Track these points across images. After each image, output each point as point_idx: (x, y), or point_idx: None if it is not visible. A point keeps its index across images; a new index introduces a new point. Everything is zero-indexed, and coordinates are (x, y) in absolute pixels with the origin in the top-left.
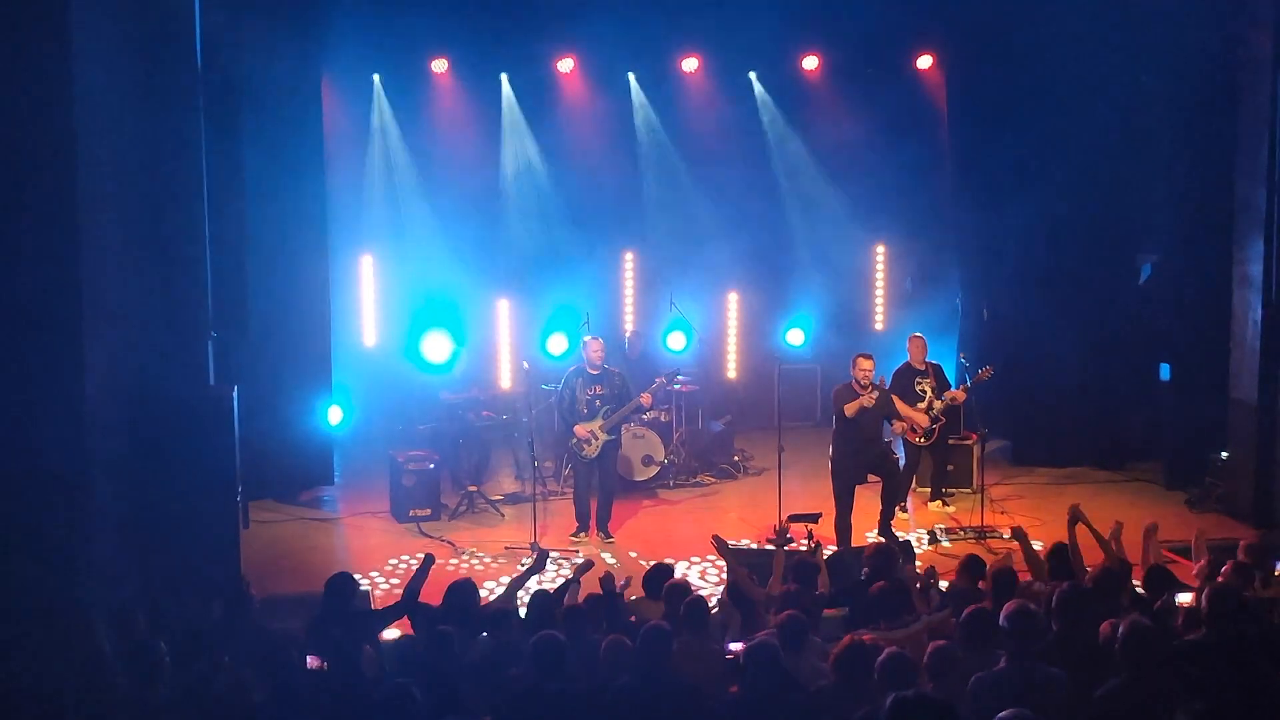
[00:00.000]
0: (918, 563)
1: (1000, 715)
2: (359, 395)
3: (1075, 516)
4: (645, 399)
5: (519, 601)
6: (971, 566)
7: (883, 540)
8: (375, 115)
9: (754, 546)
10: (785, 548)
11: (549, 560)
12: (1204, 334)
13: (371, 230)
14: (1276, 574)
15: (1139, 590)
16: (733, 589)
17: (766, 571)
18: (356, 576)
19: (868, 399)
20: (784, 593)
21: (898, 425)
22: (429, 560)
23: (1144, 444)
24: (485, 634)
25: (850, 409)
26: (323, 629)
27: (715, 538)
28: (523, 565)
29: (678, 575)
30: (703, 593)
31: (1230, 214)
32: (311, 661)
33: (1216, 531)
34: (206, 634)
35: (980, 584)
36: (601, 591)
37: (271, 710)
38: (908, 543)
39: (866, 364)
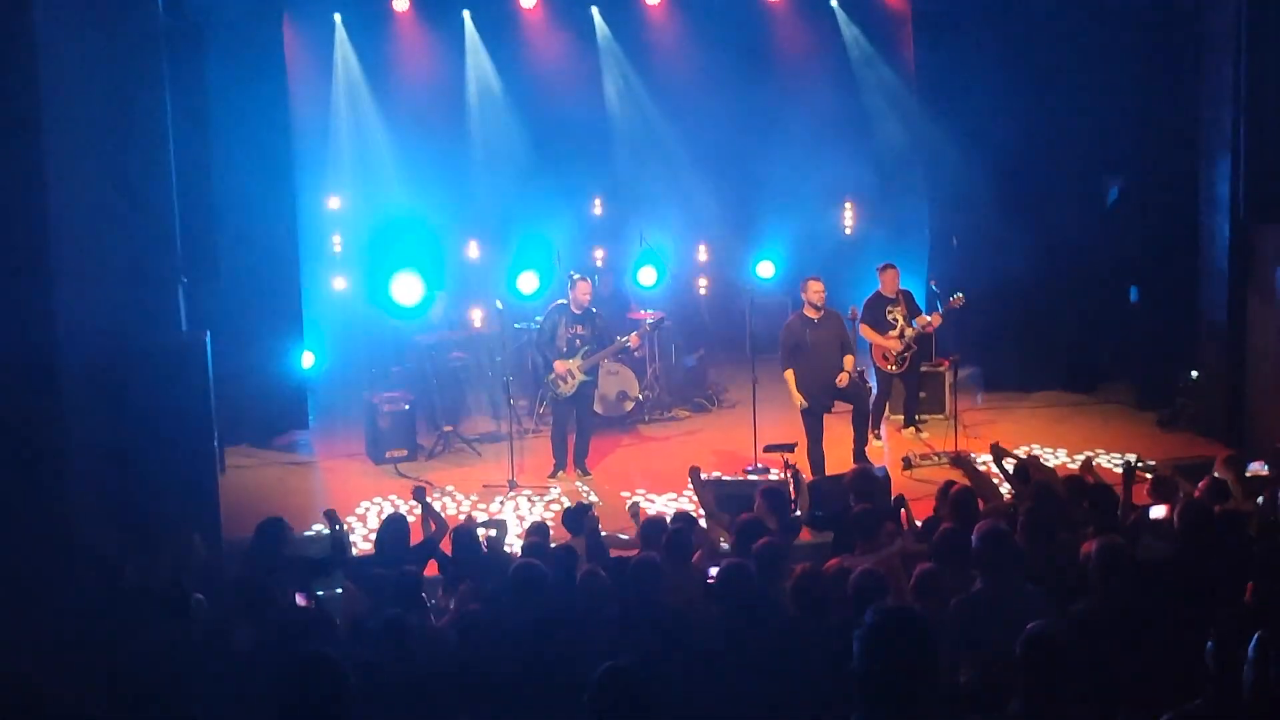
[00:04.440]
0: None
1: (1030, 626)
2: (330, 338)
3: (998, 453)
4: (634, 340)
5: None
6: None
7: (861, 465)
8: (337, 55)
9: (727, 478)
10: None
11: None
12: (1172, 255)
13: (337, 171)
14: (1249, 475)
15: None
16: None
17: (742, 503)
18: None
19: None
20: (744, 520)
21: (876, 350)
22: (335, 522)
23: (1114, 366)
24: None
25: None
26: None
27: (692, 470)
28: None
29: (653, 511)
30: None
31: (1196, 135)
32: (299, 599)
33: (1187, 450)
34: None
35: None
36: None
37: (259, 648)
38: (883, 469)
39: (816, 285)
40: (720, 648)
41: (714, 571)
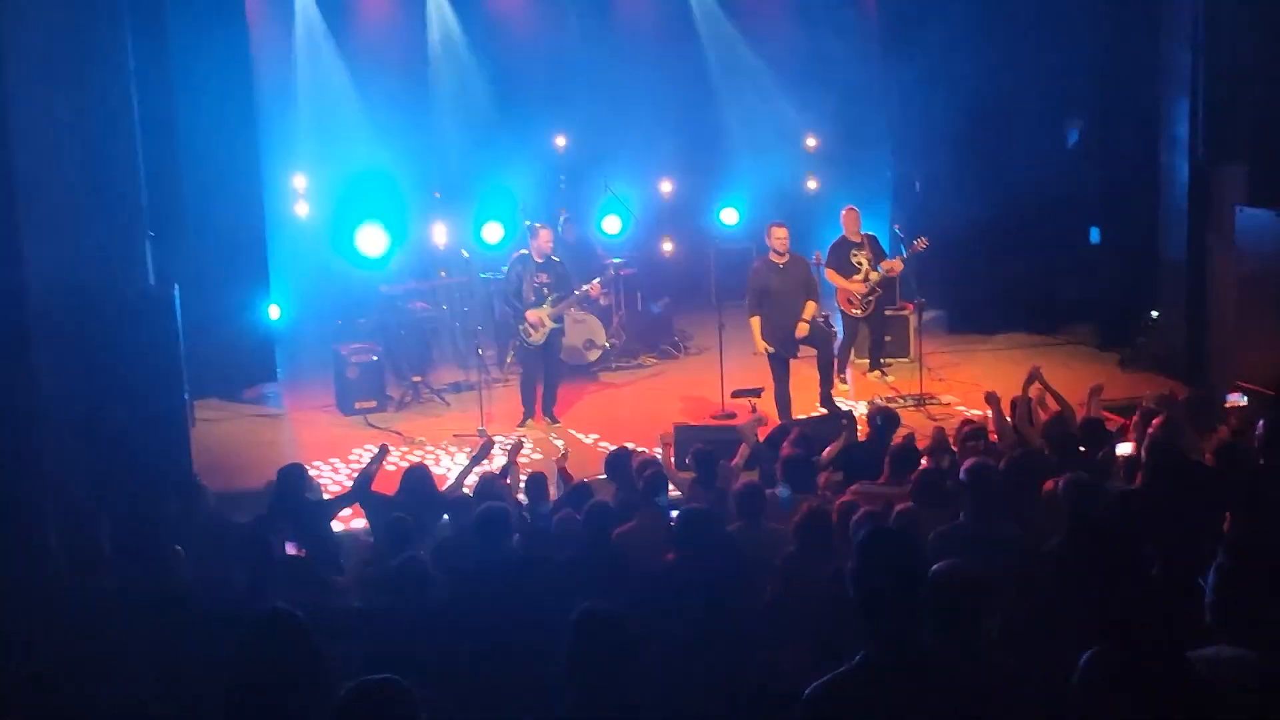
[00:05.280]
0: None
1: (937, 565)
2: (297, 290)
3: (1033, 377)
4: (594, 289)
5: (466, 488)
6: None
7: (885, 404)
8: (297, 3)
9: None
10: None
11: (494, 448)
12: (1132, 196)
13: (300, 121)
14: (1228, 405)
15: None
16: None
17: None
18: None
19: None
20: (788, 456)
21: (841, 294)
22: (383, 450)
23: (1076, 307)
24: (445, 518)
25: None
26: (276, 519)
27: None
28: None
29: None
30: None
31: (1155, 75)
32: (290, 549)
33: (1148, 389)
34: (161, 527)
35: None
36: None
37: (253, 597)
38: (849, 413)
39: (780, 232)
40: (676, 592)
41: (675, 514)
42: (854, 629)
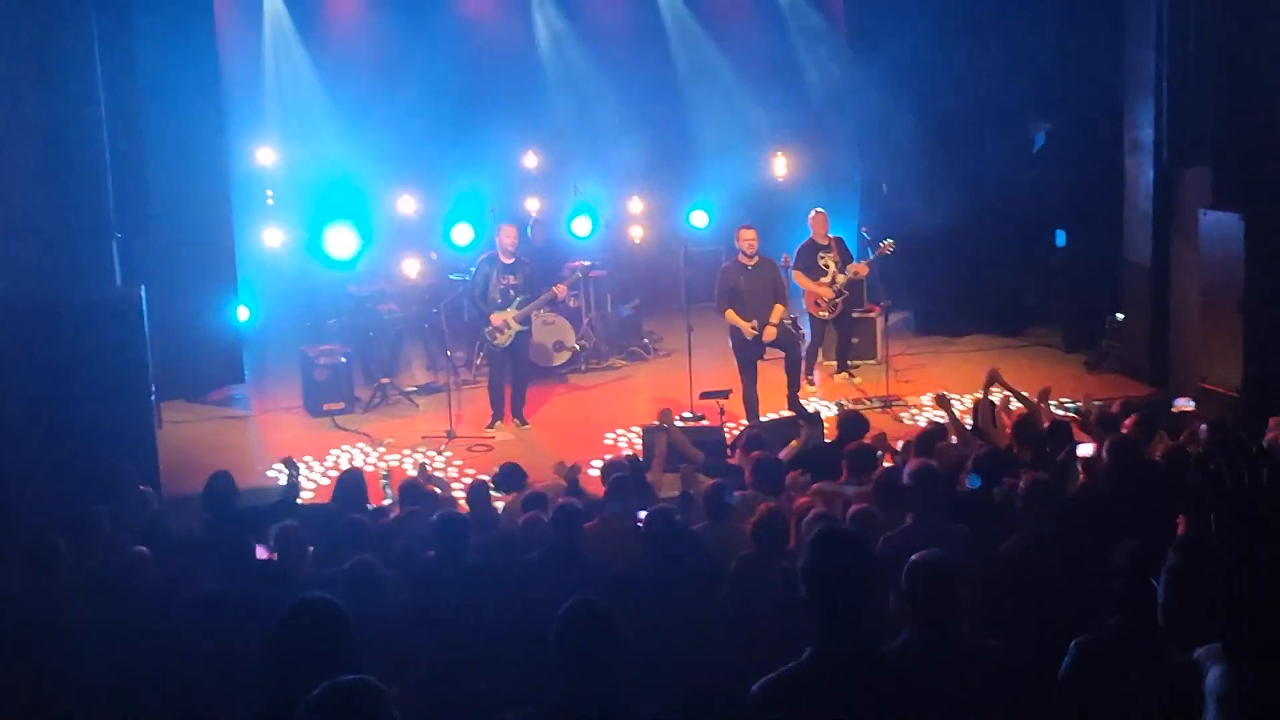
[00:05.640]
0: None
1: (914, 557)
2: (265, 291)
3: (992, 379)
4: (560, 291)
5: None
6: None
7: (854, 408)
8: (266, 3)
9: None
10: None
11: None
12: (1098, 199)
13: (268, 123)
14: (1176, 409)
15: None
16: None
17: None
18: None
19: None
20: (755, 458)
21: (808, 297)
22: (289, 462)
23: (1042, 309)
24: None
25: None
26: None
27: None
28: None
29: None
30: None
31: (1120, 79)
32: (261, 552)
33: (1113, 392)
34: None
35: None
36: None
37: (229, 600)
38: (817, 414)
39: (748, 234)
40: (646, 592)
41: (643, 515)
42: (804, 628)
